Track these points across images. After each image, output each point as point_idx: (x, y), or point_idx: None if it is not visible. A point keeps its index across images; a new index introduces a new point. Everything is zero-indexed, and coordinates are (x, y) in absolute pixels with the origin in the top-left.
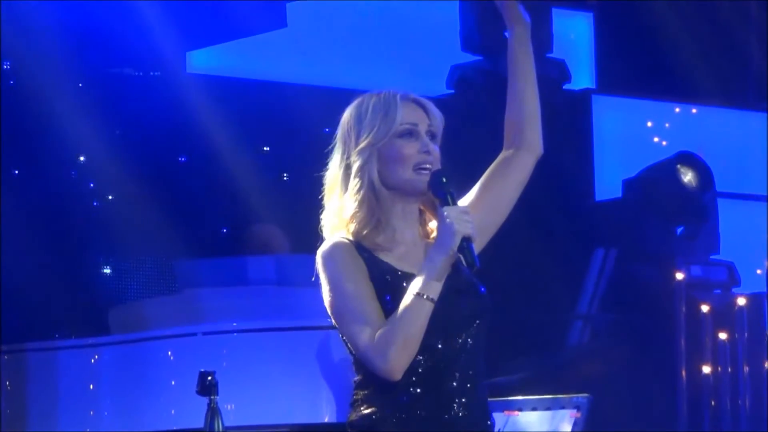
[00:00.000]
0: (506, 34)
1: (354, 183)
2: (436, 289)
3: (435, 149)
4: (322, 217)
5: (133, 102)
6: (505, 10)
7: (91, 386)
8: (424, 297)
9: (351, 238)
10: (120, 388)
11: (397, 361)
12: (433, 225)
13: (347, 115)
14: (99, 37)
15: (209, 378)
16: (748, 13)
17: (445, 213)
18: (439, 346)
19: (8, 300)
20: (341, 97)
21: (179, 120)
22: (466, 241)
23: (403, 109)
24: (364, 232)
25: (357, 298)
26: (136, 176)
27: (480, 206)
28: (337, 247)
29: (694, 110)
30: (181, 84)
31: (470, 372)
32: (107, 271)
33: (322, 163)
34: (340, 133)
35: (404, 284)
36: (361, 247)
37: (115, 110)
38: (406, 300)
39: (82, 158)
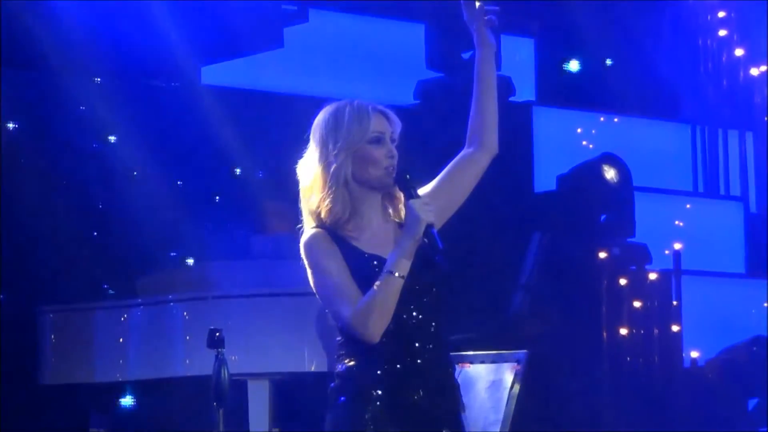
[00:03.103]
0: (463, 56)
1: (331, 181)
2: (405, 267)
3: (395, 152)
4: (300, 205)
5: (155, 107)
6: (476, 34)
7: (121, 339)
8: (396, 274)
9: (326, 226)
10: (145, 342)
11: (375, 327)
12: (392, 212)
13: (325, 119)
14: (125, 49)
15: (217, 334)
16: (662, 40)
17: (411, 205)
18: (405, 311)
19: (54, 267)
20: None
21: (195, 122)
22: (430, 227)
23: (374, 119)
24: (338, 223)
25: (337, 277)
26: (167, 167)
27: (441, 193)
28: (315, 237)
29: (616, 119)
30: (196, 93)
31: (432, 329)
32: (136, 246)
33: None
34: (318, 135)
35: (372, 263)
36: (334, 234)
37: (140, 111)
38: (382, 277)
39: (112, 139)
